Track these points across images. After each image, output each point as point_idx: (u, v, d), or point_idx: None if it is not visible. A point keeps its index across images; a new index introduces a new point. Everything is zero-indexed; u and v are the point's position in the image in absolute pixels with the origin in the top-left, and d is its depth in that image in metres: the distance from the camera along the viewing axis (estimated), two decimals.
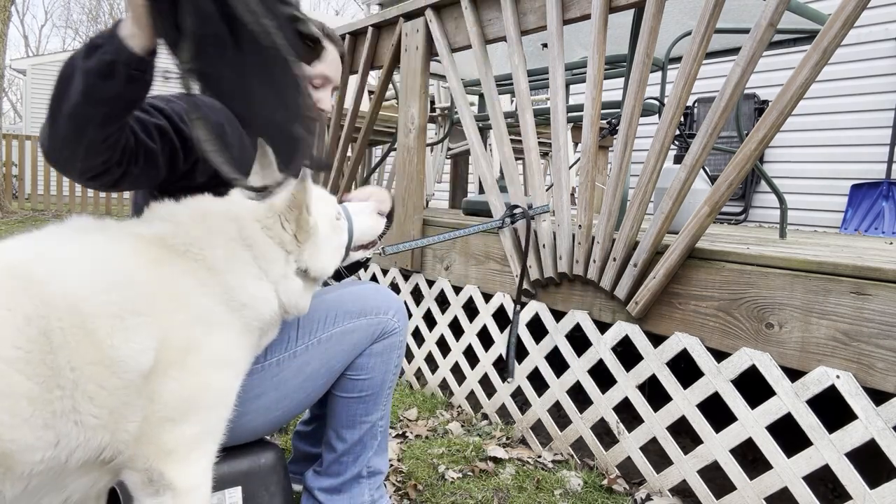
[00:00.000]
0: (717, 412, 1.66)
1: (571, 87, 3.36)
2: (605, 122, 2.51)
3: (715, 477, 1.68)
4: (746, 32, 1.54)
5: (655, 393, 1.80)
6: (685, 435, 1.80)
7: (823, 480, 1.69)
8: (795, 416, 1.48)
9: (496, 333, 2.29)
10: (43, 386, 0.79)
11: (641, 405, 1.82)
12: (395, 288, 2.79)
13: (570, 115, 2.29)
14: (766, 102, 4.94)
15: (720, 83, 1.56)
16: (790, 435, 1.53)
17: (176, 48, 0.80)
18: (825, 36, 1.40)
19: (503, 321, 2.25)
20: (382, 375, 1.42)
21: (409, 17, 2.53)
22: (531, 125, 2.08)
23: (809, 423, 1.46)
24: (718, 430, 1.64)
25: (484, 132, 3.47)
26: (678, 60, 1.83)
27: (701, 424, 1.68)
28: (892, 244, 2.73)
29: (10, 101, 29.51)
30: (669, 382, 1.74)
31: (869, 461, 1.45)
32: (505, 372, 2.03)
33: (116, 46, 0.82)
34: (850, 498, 1.40)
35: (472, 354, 2.40)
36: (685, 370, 1.74)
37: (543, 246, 2.03)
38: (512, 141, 2.21)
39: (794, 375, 1.49)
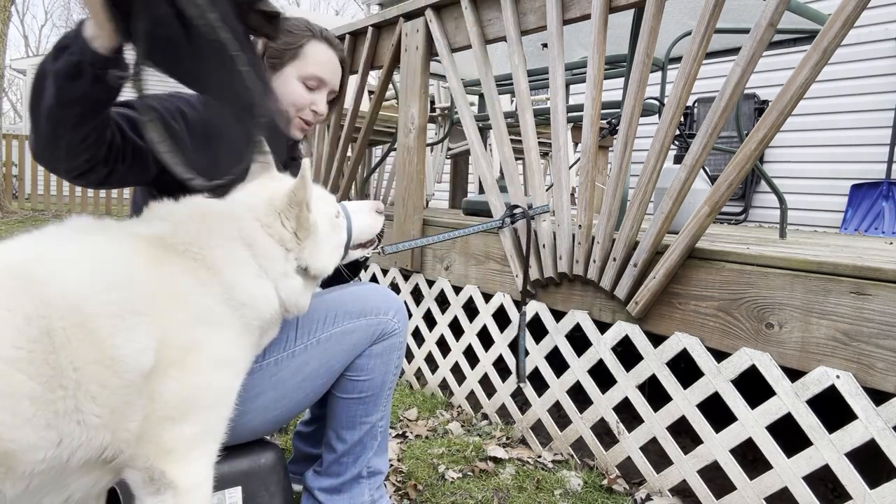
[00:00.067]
0: (717, 412, 1.66)
1: (571, 87, 3.36)
2: (605, 122, 2.50)
3: (715, 477, 1.68)
4: (746, 32, 1.54)
5: (655, 393, 1.80)
6: (685, 435, 1.80)
7: (823, 480, 1.69)
8: (795, 416, 1.48)
9: (496, 333, 2.29)
10: (45, 386, 0.79)
11: (641, 405, 1.82)
12: (395, 288, 2.79)
13: (570, 115, 2.29)
14: (766, 102, 4.94)
15: (720, 83, 1.56)
16: (790, 435, 1.53)
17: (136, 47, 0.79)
18: (825, 36, 1.40)
19: (503, 321, 2.25)
20: (382, 376, 1.42)
21: (409, 17, 2.53)
22: (531, 125, 2.08)
23: (809, 423, 1.46)
24: (718, 430, 1.64)
25: (484, 132, 3.47)
26: (678, 60, 1.83)
27: (701, 424, 1.68)
28: (892, 244, 2.73)
29: (10, 101, 29.54)
30: (669, 382, 1.74)
31: (869, 461, 1.45)
32: (518, 376, 2.01)
33: (81, 47, 0.81)
34: (850, 498, 1.40)
35: (472, 354, 2.41)
36: (685, 370, 1.74)
37: (543, 246, 2.03)
38: (512, 141, 2.21)
39: (794, 375, 1.49)
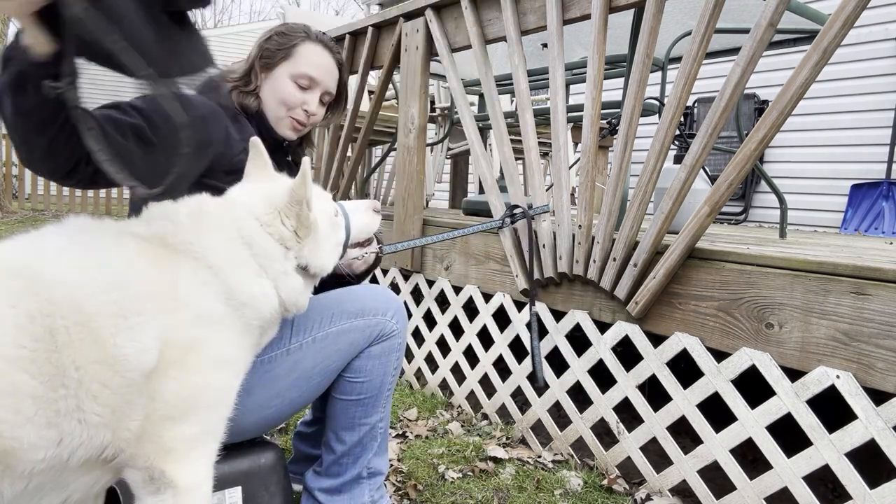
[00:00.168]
0: (717, 412, 1.66)
1: (571, 87, 3.35)
2: (605, 122, 2.50)
3: (715, 477, 1.68)
4: (746, 32, 1.54)
5: (655, 393, 1.80)
6: (685, 435, 1.80)
7: (823, 480, 1.69)
8: (795, 416, 1.48)
9: (496, 333, 2.29)
10: (47, 385, 0.79)
11: (641, 405, 1.82)
12: (395, 288, 2.79)
13: (570, 115, 2.29)
14: (766, 102, 4.94)
15: (720, 83, 1.56)
16: (790, 435, 1.53)
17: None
18: (825, 36, 1.40)
19: (503, 321, 2.25)
20: (381, 378, 1.41)
21: (409, 17, 2.53)
22: (531, 125, 2.08)
23: (809, 423, 1.46)
24: (718, 430, 1.64)
25: (484, 132, 3.46)
26: (678, 60, 1.83)
27: (701, 424, 1.68)
28: (892, 244, 2.73)
29: None
30: (669, 382, 1.74)
31: (869, 461, 1.45)
32: (536, 379, 1.95)
33: (21, 56, 0.80)
34: (850, 498, 1.40)
35: (472, 354, 2.41)
36: (685, 370, 1.74)
37: (543, 246, 2.03)
38: (512, 141, 2.21)
39: (794, 375, 1.49)
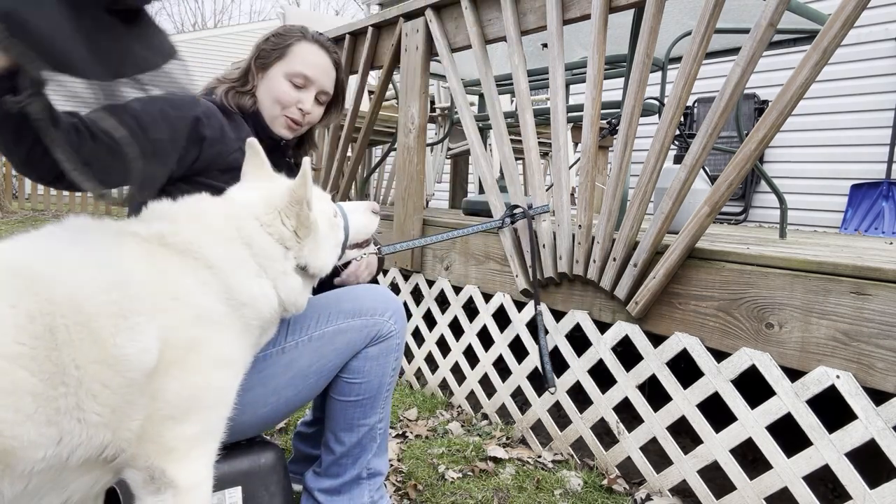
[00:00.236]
0: (717, 412, 1.66)
1: (571, 87, 3.35)
2: (605, 122, 2.50)
3: (715, 477, 1.68)
4: (746, 32, 1.54)
5: (655, 393, 1.80)
6: (685, 435, 1.80)
7: (823, 480, 1.69)
8: (795, 416, 1.48)
9: (496, 333, 2.29)
10: (48, 382, 0.79)
11: (641, 405, 1.82)
12: (395, 288, 2.79)
13: (570, 115, 2.29)
14: (766, 102, 4.94)
15: (720, 83, 1.56)
16: (790, 435, 1.53)
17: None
18: (825, 36, 1.40)
19: (503, 321, 2.25)
20: (379, 379, 1.40)
21: (409, 17, 2.53)
22: (531, 125, 2.08)
23: (809, 423, 1.46)
24: (718, 430, 1.64)
25: (484, 132, 3.46)
26: (678, 60, 1.83)
27: (701, 424, 1.68)
28: (892, 244, 2.73)
29: None
30: (669, 382, 1.74)
31: (869, 461, 1.45)
32: (546, 380, 1.87)
33: None
34: (850, 498, 1.40)
35: (472, 354, 2.40)
36: (685, 370, 1.74)
37: (543, 246, 2.03)
38: (512, 141, 2.21)
39: (794, 375, 1.49)
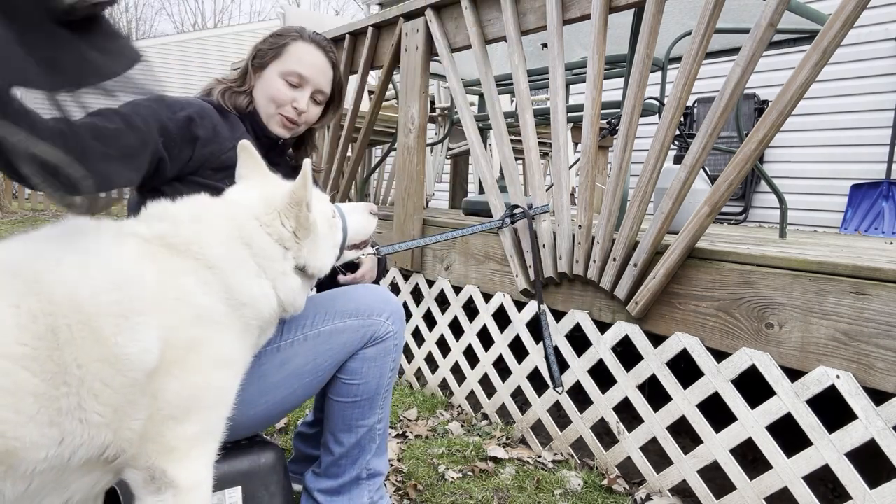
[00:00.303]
0: (717, 412, 1.66)
1: (571, 87, 3.35)
2: (605, 122, 2.50)
3: (715, 477, 1.68)
4: (746, 32, 1.54)
5: (655, 393, 1.80)
6: (685, 435, 1.80)
7: (823, 480, 1.69)
8: (795, 416, 1.48)
9: (496, 333, 2.29)
10: (49, 383, 0.79)
11: (641, 405, 1.82)
12: (395, 288, 2.79)
13: (570, 115, 2.29)
14: (766, 102, 4.94)
15: (720, 83, 1.56)
16: (790, 435, 1.53)
17: None
18: (825, 36, 1.40)
19: (503, 321, 2.25)
20: (377, 380, 1.40)
21: (409, 17, 2.53)
22: (531, 125, 2.07)
23: (809, 423, 1.46)
24: (718, 430, 1.64)
25: (484, 132, 3.47)
26: (678, 60, 1.83)
27: (701, 424, 1.68)
28: (892, 244, 2.73)
29: None
30: (669, 382, 1.74)
31: (869, 461, 1.45)
32: (553, 381, 1.84)
33: None
34: (850, 498, 1.40)
35: (472, 354, 2.40)
36: (685, 370, 1.74)
37: (543, 246, 2.03)
38: (512, 141, 2.21)
39: (794, 375, 1.49)
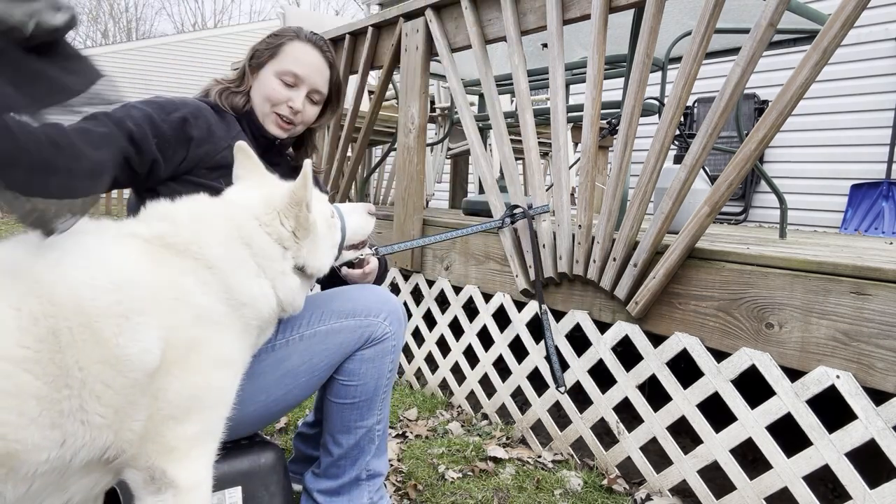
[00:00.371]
0: (717, 412, 1.66)
1: (571, 87, 3.35)
2: (605, 122, 2.50)
3: (715, 477, 1.68)
4: (746, 32, 1.54)
5: (655, 393, 1.80)
6: (685, 435, 1.80)
7: (823, 480, 1.69)
8: (795, 416, 1.48)
9: (496, 333, 2.29)
10: (51, 385, 0.79)
11: (641, 405, 1.82)
12: (395, 288, 2.79)
13: (570, 115, 2.29)
14: (766, 102, 4.94)
15: (720, 83, 1.56)
16: (790, 435, 1.53)
17: None
18: (825, 36, 1.40)
19: (503, 321, 2.25)
20: (375, 381, 1.39)
21: (409, 17, 2.53)
22: (531, 125, 2.07)
23: (809, 423, 1.46)
24: (718, 430, 1.64)
25: (484, 132, 3.47)
26: (678, 60, 1.83)
27: (701, 424, 1.68)
28: (892, 244, 2.73)
29: None
30: (669, 382, 1.74)
31: (869, 461, 1.45)
32: (556, 381, 1.84)
33: None
34: (850, 498, 1.40)
35: (472, 354, 2.40)
36: (685, 370, 1.74)
37: (543, 246, 2.03)
38: (512, 141, 2.21)
39: (794, 375, 1.49)
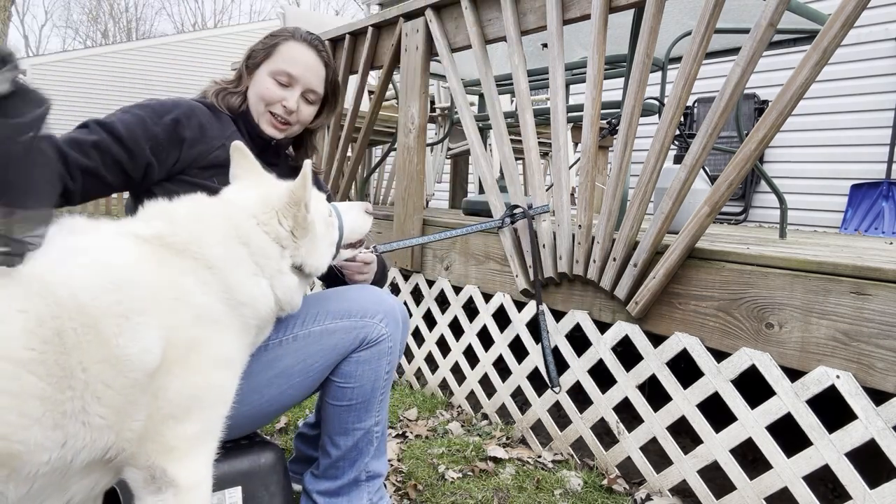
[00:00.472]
0: (717, 412, 1.66)
1: (571, 87, 3.35)
2: (605, 122, 2.50)
3: (715, 477, 1.68)
4: (746, 32, 1.54)
5: (655, 393, 1.80)
6: (685, 435, 1.80)
7: (823, 480, 1.69)
8: (795, 416, 1.48)
9: (496, 333, 2.29)
10: (55, 387, 0.79)
11: (641, 405, 1.82)
12: (395, 288, 2.79)
13: (570, 115, 2.29)
14: (766, 102, 4.94)
15: (720, 83, 1.56)
16: (790, 435, 1.53)
17: None
18: (825, 36, 1.40)
19: (503, 321, 2.25)
20: (372, 383, 1.37)
21: (409, 17, 2.53)
22: (531, 125, 2.07)
23: (809, 423, 1.46)
24: (718, 430, 1.64)
25: (484, 132, 3.47)
26: (678, 60, 1.83)
27: (701, 424, 1.68)
28: (892, 244, 2.73)
29: None
30: (669, 382, 1.74)
31: (869, 461, 1.45)
32: (550, 381, 1.85)
33: None
34: (850, 498, 1.40)
35: (472, 354, 2.40)
36: (685, 370, 1.74)
37: (543, 246, 2.03)
38: (512, 141, 2.21)
39: (794, 375, 1.49)
